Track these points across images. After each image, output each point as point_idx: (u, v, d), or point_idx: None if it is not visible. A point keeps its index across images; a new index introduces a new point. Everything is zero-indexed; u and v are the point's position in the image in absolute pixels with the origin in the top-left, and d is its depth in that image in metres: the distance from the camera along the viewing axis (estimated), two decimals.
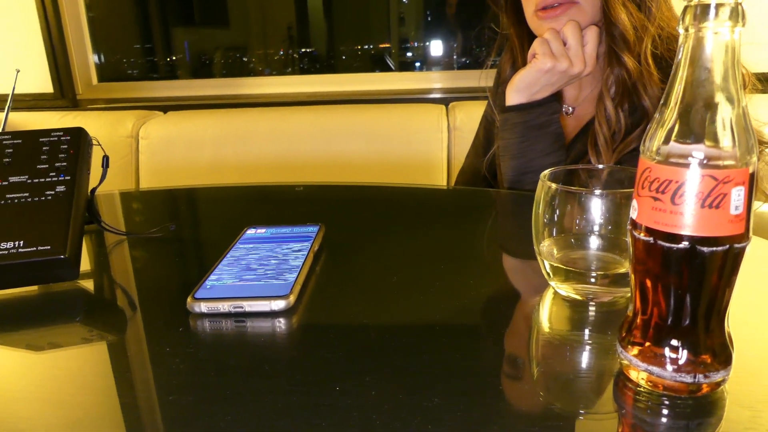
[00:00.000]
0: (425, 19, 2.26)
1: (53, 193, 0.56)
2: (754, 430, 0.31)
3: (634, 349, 0.35)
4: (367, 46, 2.29)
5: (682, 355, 0.33)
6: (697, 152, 0.31)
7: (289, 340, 0.44)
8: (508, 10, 0.90)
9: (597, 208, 0.45)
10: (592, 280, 0.45)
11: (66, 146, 0.60)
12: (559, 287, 0.47)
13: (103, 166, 0.66)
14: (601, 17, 0.78)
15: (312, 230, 0.60)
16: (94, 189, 0.64)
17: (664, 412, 0.33)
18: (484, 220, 0.76)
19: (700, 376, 0.33)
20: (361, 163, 1.66)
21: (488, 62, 0.99)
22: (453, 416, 0.33)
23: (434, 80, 2.03)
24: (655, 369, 0.34)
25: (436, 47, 2.19)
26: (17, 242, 0.51)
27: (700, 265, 0.32)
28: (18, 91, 0.85)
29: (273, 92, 2.06)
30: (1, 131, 0.72)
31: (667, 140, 0.32)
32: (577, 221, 0.46)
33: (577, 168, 0.51)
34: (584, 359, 0.40)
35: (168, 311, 0.48)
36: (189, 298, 0.46)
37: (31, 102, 1.99)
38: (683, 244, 0.31)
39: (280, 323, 0.45)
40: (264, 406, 0.34)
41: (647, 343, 0.34)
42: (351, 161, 1.67)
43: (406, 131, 1.68)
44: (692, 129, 0.31)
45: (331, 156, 1.68)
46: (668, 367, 0.33)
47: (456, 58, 2.17)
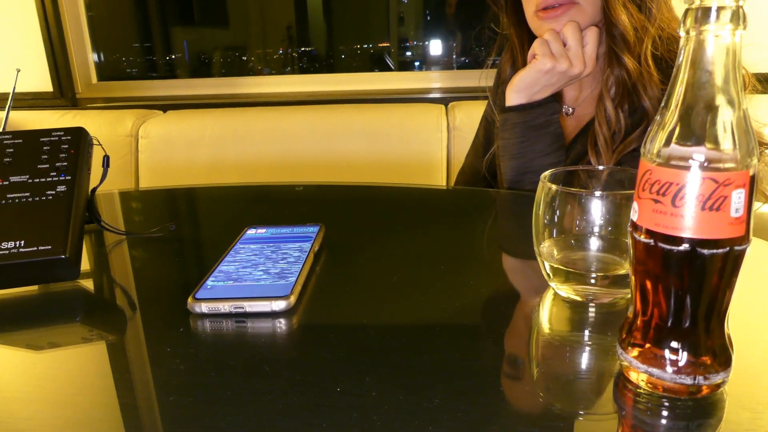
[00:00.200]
0: (425, 19, 2.26)
1: (54, 192, 0.56)
2: (754, 431, 0.31)
3: (634, 351, 0.35)
4: (366, 46, 2.29)
5: (682, 357, 0.33)
6: (698, 155, 0.31)
7: (290, 341, 0.44)
8: (508, 11, 0.90)
9: (597, 210, 0.45)
10: (592, 282, 0.45)
11: (66, 146, 0.60)
12: (559, 288, 0.47)
13: (103, 165, 0.66)
14: (601, 18, 0.78)
15: (312, 230, 0.60)
16: (95, 189, 0.64)
17: (664, 413, 0.33)
18: (484, 220, 0.76)
19: (700, 377, 0.33)
20: (361, 162, 1.66)
21: (488, 62, 0.99)
22: (453, 416, 0.33)
23: (434, 80, 2.03)
24: (655, 370, 0.34)
25: (436, 47, 2.19)
26: (17, 242, 0.51)
27: (701, 267, 0.32)
28: (17, 90, 0.85)
29: (272, 92, 2.06)
30: (2, 131, 0.72)
31: (667, 143, 0.32)
32: (577, 222, 0.46)
33: (577, 169, 0.51)
34: (584, 360, 0.40)
35: (168, 311, 0.48)
36: (189, 299, 0.46)
37: (31, 101, 1.99)
38: (684, 247, 0.31)
39: (281, 323, 0.45)
40: (264, 406, 0.34)
41: (647, 345, 0.34)
42: (350, 161, 1.67)
43: (406, 131, 1.68)
44: (693, 131, 0.31)
45: (331, 156, 1.68)
46: (668, 369, 0.33)
47: (455, 57, 2.17)
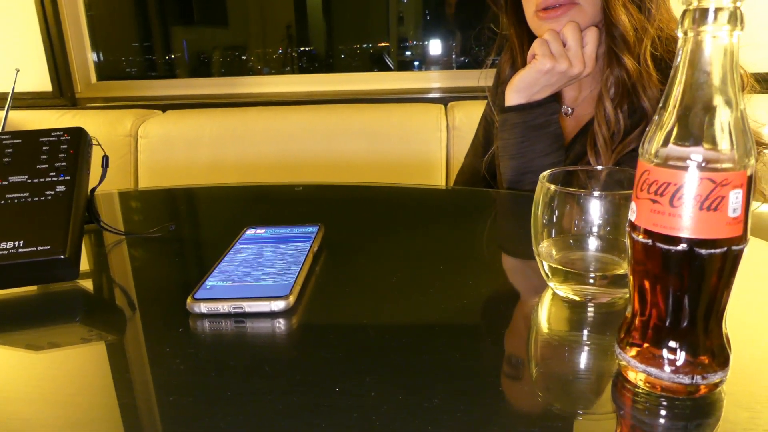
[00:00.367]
0: (424, 19, 2.26)
1: (53, 193, 0.56)
2: (752, 431, 0.32)
3: (633, 350, 0.35)
4: (366, 46, 2.29)
5: (680, 357, 0.33)
6: (696, 155, 0.31)
7: (289, 341, 0.44)
8: (508, 11, 0.90)
9: (596, 210, 0.45)
10: (591, 281, 0.46)
11: (66, 146, 0.60)
12: (558, 288, 0.47)
13: (103, 166, 0.66)
14: (601, 18, 0.78)
15: (311, 230, 0.60)
16: (94, 189, 0.64)
17: (662, 413, 0.33)
18: (484, 220, 0.76)
19: (698, 377, 0.33)
20: (360, 163, 1.66)
21: (488, 62, 0.99)
22: (453, 416, 0.33)
23: (433, 80, 2.03)
24: (654, 370, 0.34)
25: (435, 47, 2.19)
26: (17, 242, 0.51)
27: (699, 267, 0.32)
28: (17, 90, 0.85)
29: (272, 91, 2.06)
30: (1, 131, 0.72)
31: (665, 143, 0.32)
32: (576, 222, 0.46)
33: (576, 169, 0.51)
34: (583, 360, 0.40)
35: (168, 311, 0.48)
36: (189, 299, 0.46)
37: (30, 100, 1.99)
38: (681, 246, 0.32)
39: (280, 324, 0.45)
40: (264, 406, 0.34)
41: (645, 344, 0.34)
42: (350, 161, 1.67)
43: (405, 131, 1.68)
44: (691, 132, 0.31)
45: (330, 156, 1.68)
46: (666, 368, 0.33)
47: (455, 57, 2.17)
